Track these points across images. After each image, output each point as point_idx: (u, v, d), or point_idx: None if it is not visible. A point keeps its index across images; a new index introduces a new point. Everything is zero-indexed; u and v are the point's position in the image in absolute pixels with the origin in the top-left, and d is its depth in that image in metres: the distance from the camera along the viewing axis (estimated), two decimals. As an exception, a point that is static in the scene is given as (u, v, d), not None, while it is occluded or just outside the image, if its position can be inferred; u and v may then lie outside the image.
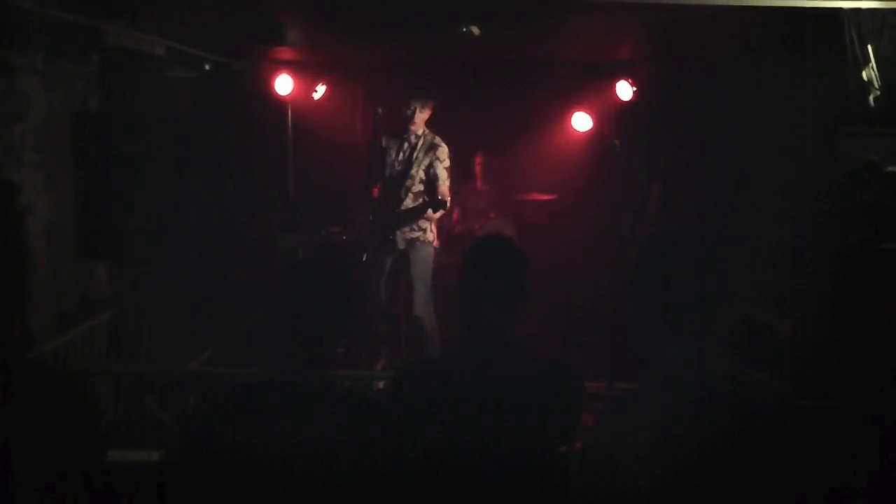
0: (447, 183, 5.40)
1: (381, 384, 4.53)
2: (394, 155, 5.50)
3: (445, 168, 5.40)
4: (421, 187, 5.43)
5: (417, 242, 5.46)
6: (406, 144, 5.47)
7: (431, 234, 5.52)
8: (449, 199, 5.35)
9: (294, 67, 7.09)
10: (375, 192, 5.51)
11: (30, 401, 1.99)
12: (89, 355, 5.16)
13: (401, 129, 5.50)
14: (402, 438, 2.05)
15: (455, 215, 6.95)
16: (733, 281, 4.78)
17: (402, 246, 5.45)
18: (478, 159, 7.04)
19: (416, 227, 5.44)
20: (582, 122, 7.15)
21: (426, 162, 5.38)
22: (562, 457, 2.24)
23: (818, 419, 3.35)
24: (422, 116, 5.42)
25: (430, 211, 5.33)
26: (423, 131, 5.47)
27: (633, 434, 1.82)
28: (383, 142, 5.58)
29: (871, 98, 4.02)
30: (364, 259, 5.48)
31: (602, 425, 2.04)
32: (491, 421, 2.09)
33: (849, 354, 3.97)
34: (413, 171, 5.38)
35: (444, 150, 5.41)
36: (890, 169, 4.02)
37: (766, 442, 1.83)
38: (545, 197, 7.15)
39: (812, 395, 3.95)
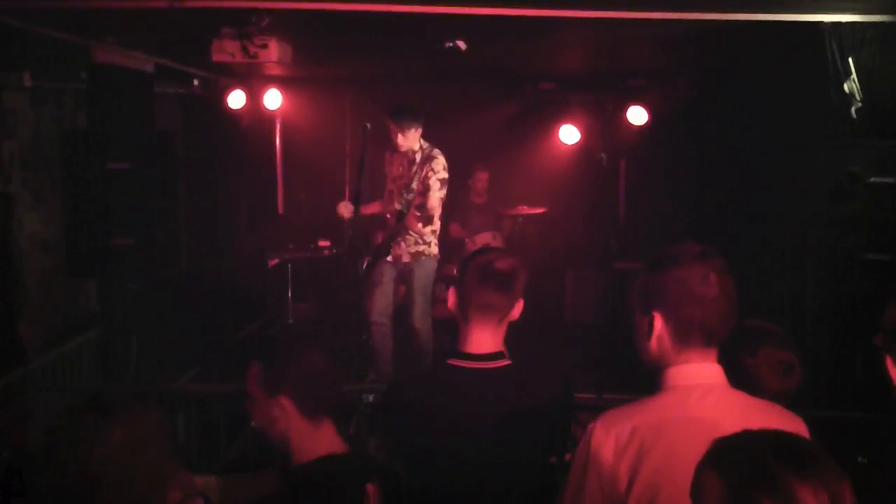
0: (438, 195, 5.38)
1: (370, 397, 4.49)
2: (396, 169, 5.53)
3: (439, 179, 5.39)
4: (420, 200, 5.44)
5: (423, 256, 5.48)
6: (405, 159, 5.50)
7: (435, 248, 5.56)
8: (435, 211, 5.36)
9: (281, 83, 7.10)
10: (364, 208, 5.47)
11: None
12: (78, 372, 5.14)
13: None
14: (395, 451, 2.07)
15: (452, 229, 6.97)
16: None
17: (406, 259, 5.47)
18: (477, 174, 7.09)
19: (420, 241, 5.46)
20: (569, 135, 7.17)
21: (423, 174, 5.41)
22: (551, 468, 2.25)
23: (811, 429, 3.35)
24: (411, 135, 5.42)
25: (423, 222, 5.35)
26: (421, 145, 5.48)
27: None
28: (388, 156, 5.62)
29: (852, 110, 4.06)
30: (364, 268, 5.45)
31: None
32: (483, 432, 2.10)
33: (836, 364, 4.00)
34: (413, 185, 5.40)
35: (439, 162, 5.41)
36: (872, 180, 4.05)
37: None
38: (534, 210, 7.17)
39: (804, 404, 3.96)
